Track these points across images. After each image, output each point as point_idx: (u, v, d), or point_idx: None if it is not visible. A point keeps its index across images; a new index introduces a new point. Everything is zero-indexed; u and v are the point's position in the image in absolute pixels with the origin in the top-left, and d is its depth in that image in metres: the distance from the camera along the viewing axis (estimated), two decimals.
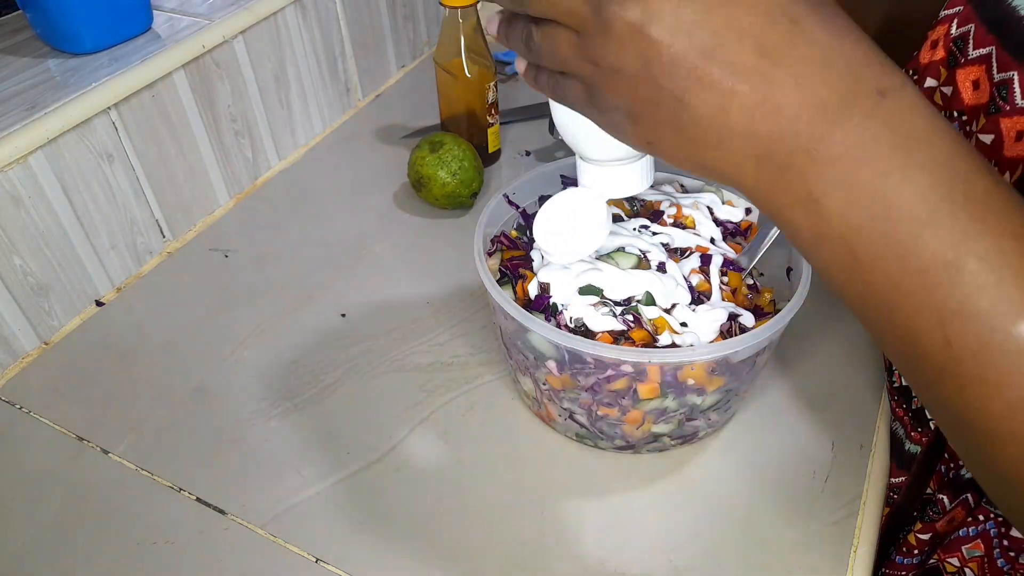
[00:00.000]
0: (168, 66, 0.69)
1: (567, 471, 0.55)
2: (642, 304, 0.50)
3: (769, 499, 0.53)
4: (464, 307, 0.68)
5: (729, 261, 0.55)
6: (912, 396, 0.52)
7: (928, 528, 0.49)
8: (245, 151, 0.81)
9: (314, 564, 0.50)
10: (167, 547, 0.51)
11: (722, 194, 0.61)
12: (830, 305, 0.66)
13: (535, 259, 0.55)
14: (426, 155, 0.74)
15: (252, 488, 0.54)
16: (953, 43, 0.45)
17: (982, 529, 0.45)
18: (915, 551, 0.50)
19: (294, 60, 0.83)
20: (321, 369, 0.62)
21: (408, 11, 0.99)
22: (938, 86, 0.46)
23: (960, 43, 0.44)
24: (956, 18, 0.45)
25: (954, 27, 0.45)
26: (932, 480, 0.51)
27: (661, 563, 0.49)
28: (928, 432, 0.50)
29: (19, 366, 0.64)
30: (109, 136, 0.66)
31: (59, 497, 0.54)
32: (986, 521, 0.45)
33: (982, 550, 0.45)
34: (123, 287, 0.71)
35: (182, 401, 0.61)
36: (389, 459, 0.56)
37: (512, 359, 0.55)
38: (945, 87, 0.45)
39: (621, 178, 0.45)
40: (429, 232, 0.76)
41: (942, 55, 0.45)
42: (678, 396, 0.49)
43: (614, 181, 0.46)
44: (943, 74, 0.46)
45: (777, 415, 0.58)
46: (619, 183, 0.46)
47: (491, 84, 0.78)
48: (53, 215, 0.63)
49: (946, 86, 0.45)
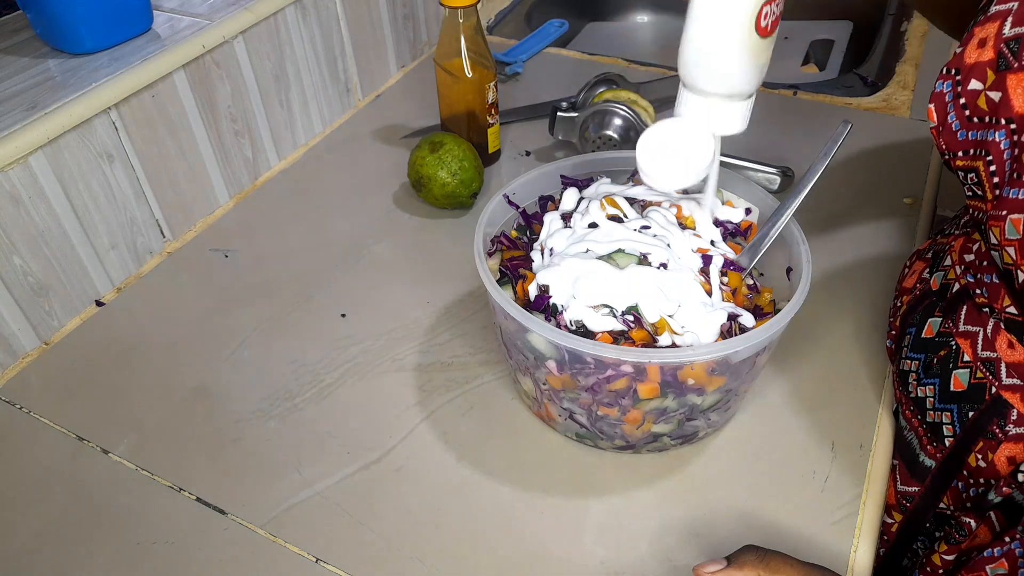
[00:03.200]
0: (168, 66, 0.69)
1: (567, 471, 0.55)
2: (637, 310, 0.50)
3: (769, 499, 0.53)
4: (464, 307, 0.68)
5: (729, 261, 0.55)
6: (927, 408, 0.51)
7: (953, 550, 0.48)
8: (245, 151, 0.81)
9: (314, 564, 0.50)
10: (167, 547, 0.51)
11: (722, 195, 0.61)
12: (830, 305, 0.66)
13: (535, 259, 0.55)
14: (426, 155, 0.74)
15: (252, 488, 0.54)
16: (1006, 44, 0.42)
17: (1007, 549, 0.44)
18: (939, 571, 0.49)
19: (294, 60, 0.83)
20: (321, 369, 0.62)
21: (408, 11, 0.99)
22: (984, 89, 0.43)
23: (1015, 45, 0.41)
24: (1010, 16, 0.42)
25: (1007, 26, 0.42)
26: (947, 496, 0.50)
27: (661, 563, 0.49)
28: (942, 448, 0.50)
29: (19, 366, 0.64)
30: (109, 136, 0.66)
31: (59, 497, 0.54)
32: (1012, 542, 0.44)
33: (1006, 568, 0.44)
34: (123, 287, 0.71)
35: (182, 401, 0.61)
36: (389, 459, 0.56)
37: (512, 359, 0.55)
38: (992, 92, 0.43)
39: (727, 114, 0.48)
40: (429, 232, 0.76)
41: (991, 56, 0.43)
42: (678, 396, 0.49)
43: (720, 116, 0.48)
44: (991, 77, 0.43)
45: (777, 415, 0.58)
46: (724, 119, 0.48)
47: (491, 84, 0.78)
48: (53, 215, 0.63)
49: (994, 91, 0.42)
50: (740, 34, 0.45)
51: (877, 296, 0.66)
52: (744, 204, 0.60)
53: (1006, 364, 0.46)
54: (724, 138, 0.50)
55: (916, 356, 0.53)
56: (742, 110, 0.48)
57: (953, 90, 0.46)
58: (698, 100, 0.48)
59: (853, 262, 0.70)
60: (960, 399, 0.48)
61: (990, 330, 0.47)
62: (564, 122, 0.80)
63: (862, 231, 0.73)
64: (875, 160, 0.82)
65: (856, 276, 0.69)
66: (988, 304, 0.47)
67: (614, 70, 0.85)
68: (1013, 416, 0.45)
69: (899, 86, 0.93)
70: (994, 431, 0.46)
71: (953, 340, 0.50)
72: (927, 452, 0.51)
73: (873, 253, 0.71)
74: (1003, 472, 0.46)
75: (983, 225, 0.45)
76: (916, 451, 0.52)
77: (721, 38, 0.45)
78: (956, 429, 0.49)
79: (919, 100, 0.91)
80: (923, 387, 0.51)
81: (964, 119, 0.45)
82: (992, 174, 0.44)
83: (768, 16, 0.45)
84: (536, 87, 0.97)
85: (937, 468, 0.50)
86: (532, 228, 0.60)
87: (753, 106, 0.49)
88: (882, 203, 0.76)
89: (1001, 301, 0.46)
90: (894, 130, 0.86)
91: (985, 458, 0.47)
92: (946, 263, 0.53)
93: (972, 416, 0.47)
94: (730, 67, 0.46)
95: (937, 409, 0.50)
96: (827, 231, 0.73)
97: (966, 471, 0.49)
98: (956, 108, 0.46)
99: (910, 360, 0.53)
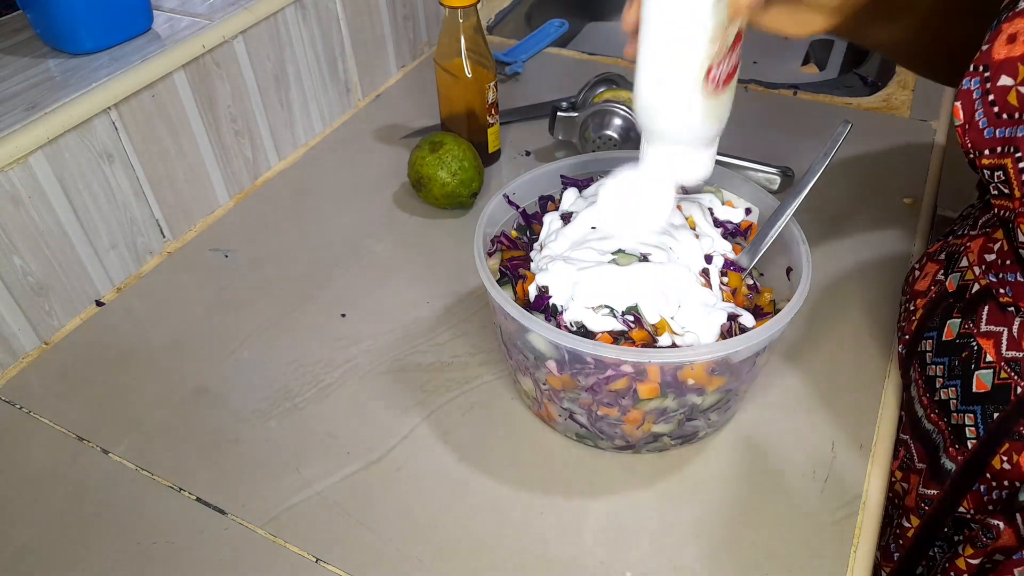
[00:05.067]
0: (168, 66, 0.69)
1: (567, 471, 0.55)
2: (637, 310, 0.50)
3: (769, 499, 0.53)
4: (464, 307, 0.68)
5: (729, 261, 0.55)
6: (951, 411, 0.50)
7: (979, 553, 0.48)
8: (245, 151, 0.81)
9: (314, 564, 0.50)
10: (167, 547, 0.51)
11: (722, 194, 0.61)
12: (830, 305, 0.66)
13: (535, 259, 0.55)
14: (426, 155, 0.74)
15: (252, 488, 0.54)
16: None
17: None
18: (964, 575, 0.49)
19: (294, 60, 0.83)
20: (321, 369, 0.62)
21: (408, 11, 0.99)
22: (1015, 84, 0.42)
23: None
24: None
25: None
26: (967, 499, 0.50)
27: (661, 563, 0.49)
28: (964, 451, 0.49)
29: (19, 366, 0.64)
30: (109, 136, 0.66)
31: (59, 497, 0.54)
32: None
33: None
34: (123, 287, 0.71)
35: (182, 401, 0.61)
36: (389, 459, 0.56)
37: (512, 359, 0.55)
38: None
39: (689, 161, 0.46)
40: (429, 232, 0.76)
41: (1022, 51, 0.42)
42: (678, 396, 0.49)
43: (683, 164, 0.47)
44: (1022, 72, 0.42)
45: (777, 415, 0.58)
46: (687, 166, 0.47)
47: (491, 84, 0.78)
48: (53, 215, 0.63)
49: None
50: (689, 92, 0.43)
51: (877, 296, 0.66)
52: (744, 204, 0.60)
53: None
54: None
55: (940, 360, 0.52)
56: (705, 156, 0.46)
57: (982, 87, 0.45)
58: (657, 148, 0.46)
59: (853, 262, 0.70)
60: (984, 400, 0.48)
61: (1015, 329, 0.47)
62: (564, 122, 0.80)
63: (862, 231, 0.73)
64: (875, 160, 0.82)
65: (856, 276, 0.69)
66: (1013, 303, 0.47)
67: (614, 70, 0.85)
68: None
69: (899, 86, 0.93)
70: (1020, 432, 0.46)
71: (974, 341, 0.49)
72: (948, 455, 0.50)
73: (873, 253, 0.71)
74: None
75: (1011, 223, 0.45)
76: (939, 452, 0.52)
77: (669, 95, 0.43)
78: (979, 431, 0.48)
79: (919, 100, 0.91)
80: (946, 389, 0.51)
81: (992, 116, 0.44)
82: (1021, 171, 0.43)
83: (719, 72, 0.42)
84: (536, 87, 0.97)
85: (958, 471, 0.50)
86: (532, 228, 0.60)
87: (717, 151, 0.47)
88: (882, 203, 0.76)
89: None
90: (894, 130, 0.86)
91: (1010, 460, 0.46)
92: (963, 264, 0.53)
93: (997, 417, 0.47)
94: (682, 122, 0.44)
95: (960, 411, 0.49)
96: (827, 231, 0.73)
97: (989, 474, 0.48)
98: (984, 105, 0.45)
99: (935, 365, 0.53)
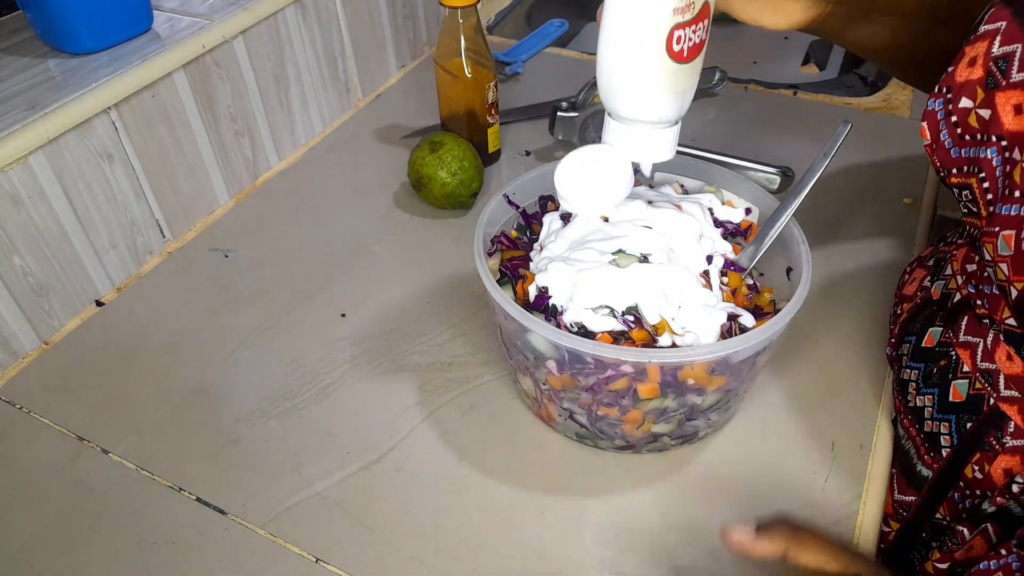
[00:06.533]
0: (168, 66, 0.69)
1: (567, 471, 0.55)
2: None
3: (769, 499, 0.53)
4: (464, 307, 0.68)
5: (729, 261, 0.55)
6: (925, 418, 0.51)
7: (946, 558, 0.48)
8: (245, 151, 0.81)
9: (314, 564, 0.50)
10: (167, 547, 0.51)
11: (722, 195, 0.61)
12: (830, 305, 0.66)
13: (534, 260, 0.55)
14: (426, 155, 0.74)
15: (252, 488, 0.54)
16: (994, 63, 0.42)
17: (1004, 563, 0.44)
18: None
19: (294, 60, 0.83)
20: (321, 369, 0.62)
21: (408, 11, 0.99)
22: (974, 107, 0.44)
23: (1002, 64, 0.42)
24: (998, 35, 0.42)
25: (996, 45, 0.42)
26: (943, 506, 0.50)
27: (661, 563, 0.49)
28: (940, 459, 0.49)
29: (19, 366, 0.64)
30: (109, 136, 0.66)
31: (59, 497, 0.54)
32: (1008, 555, 0.44)
33: None
34: (123, 287, 0.71)
35: (182, 401, 0.61)
36: (389, 459, 0.56)
37: (512, 359, 0.55)
38: (982, 109, 0.43)
39: (649, 142, 0.46)
40: (429, 232, 0.76)
41: (980, 74, 0.43)
42: (678, 396, 0.49)
43: (642, 144, 0.46)
44: (980, 95, 0.43)
45: (777, 415, 0.58)
46: (647, 147, 0.46)
47: (491, 84, 0.78)
48: (53, 215, 0.63)
49: (983, 108, 0.43)
50: (651, 59, 0.43)
51: (877, 297, 0.66)
52: (744, 204, 0.60)
53: (1005, 376, 0.46)
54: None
55: (916, 365, 0.53)
56: (667, 137, 0.46)
57: (945, 108, 0.46)
58: (619, 127, 0.46)
59: (853, 262, 0.70)
60: (959, 410, 0.48)
61: (990, 341, 0.47)
62: (564, 122, 0.80)
63: (862, 231, 0.73)
64: (875, 160, 0.82)
65: (856, 276, 0.69)
66: (988, 315, 0.47)
67: None
68: (1011, 428, 0.45)
69: (899, 86, 0.93)
70: (991, 443, 0.46)
71: (953, 350, 0.49)
72: (924, 462, 0.51)
73: (873, 253, 0.71)
74: (999, 484, 0.46)
75: (978, 242, 0.46)
76: (914, 461, 0.52)
77: (632, 63, 0.43)
78: (954, 440, 0.48)
79: (919, 100, 0.91)
80: (922, 396, 0.51)
81: (956, 137, 0.46)
82: (985, 191, 0.44)
83: (683, 41, 0.42)
84: (536, 87, 0.97)
85: (934, 478, 0.50)
86: (532, 228, 0.60)
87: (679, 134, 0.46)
88: (882, 203, 0.76)
89: (1001, 313, 0.46)
90: (894, 130, 0.86)
91: (982, 470, 0.47)
92: (947, 272, 0.53)
93: (970, 427, 0.47)
94: (644, 94, 0.44)
95: (935, 419, 0.50)
96: (827, 231, 0.73)
97: (962, 482, 0.48)
98: (948, 126, 0.46)
99: (910, 369, 0.53)
